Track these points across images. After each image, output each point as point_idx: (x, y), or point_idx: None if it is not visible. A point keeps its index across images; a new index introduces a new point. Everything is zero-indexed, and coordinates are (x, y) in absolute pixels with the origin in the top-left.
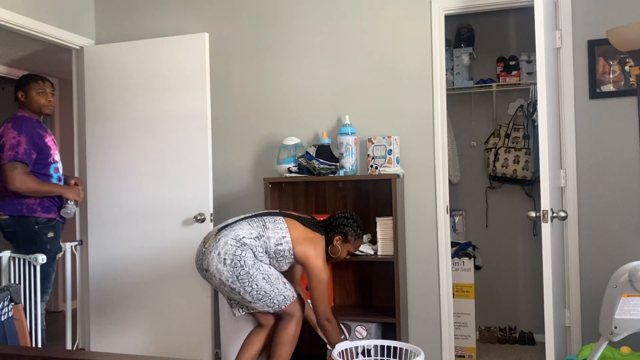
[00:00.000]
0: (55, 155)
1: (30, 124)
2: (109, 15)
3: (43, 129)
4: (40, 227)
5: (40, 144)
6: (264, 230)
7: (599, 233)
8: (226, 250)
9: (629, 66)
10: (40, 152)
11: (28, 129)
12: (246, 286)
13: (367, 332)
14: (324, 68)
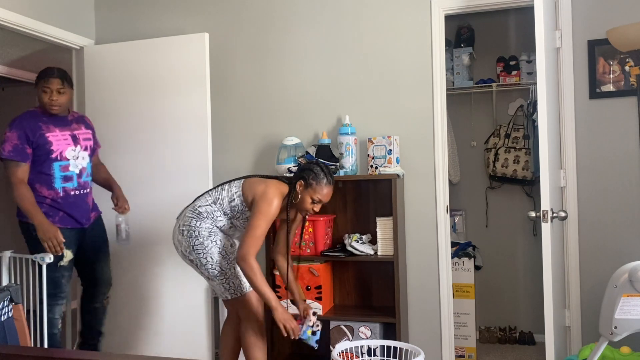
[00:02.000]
0: (66, 152)
1: (29, 118)
2: (109, 15)
3: (51, 123)
4: (36, 234)
5: (36, 139)
6: (220, 193)
7: (599, 233)
8: (184, 222)
9: (629, 66)
10: (38, 148)
11: (22, 123)
12: (201, 258)
13: (371, 332)
14: (324, 68)
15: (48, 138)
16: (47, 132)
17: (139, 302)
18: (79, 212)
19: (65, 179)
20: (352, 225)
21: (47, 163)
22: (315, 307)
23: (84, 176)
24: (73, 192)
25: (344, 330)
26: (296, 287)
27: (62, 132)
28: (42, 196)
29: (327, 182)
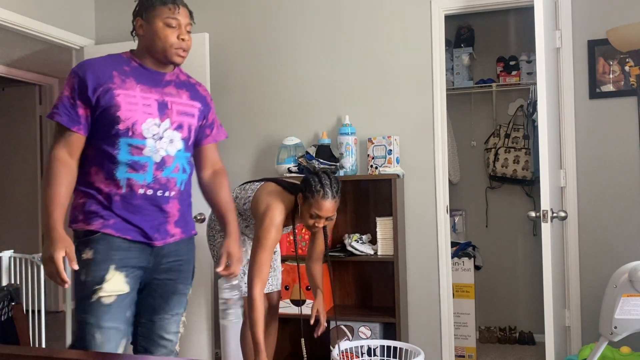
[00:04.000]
0: (142, 125)
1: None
2: (109, 15)
3: (133, 76)
4: (79, 242)
5: (100, 95)
6: (241, 192)
7: (599, 233)
8: (210, 214)
9: (629, 66)
10: (101, 110)
11: (91, 66)
12: (211, 249)
13: (371, 332)
14: (324, 68)
15: (116, 97)
16: (118, 88)
17: None
18: (148, 222)
19: (134, 166)
20: (352, 225)
21: (112, 137)
22: None
23: (168, 170)
24: (142, 191)
25: (344, 330)
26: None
27: (145, 93)
28: (94, 187)
29: (323, 196)
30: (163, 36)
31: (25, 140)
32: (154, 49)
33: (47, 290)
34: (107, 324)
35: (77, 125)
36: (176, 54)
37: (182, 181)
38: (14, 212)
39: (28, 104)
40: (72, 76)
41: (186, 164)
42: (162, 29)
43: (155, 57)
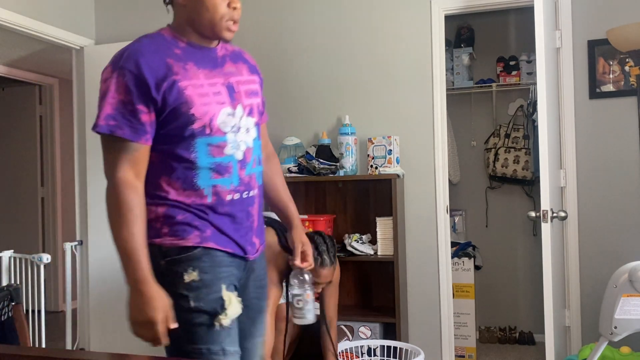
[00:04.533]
0: (218, 117)
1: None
2: (109, 15)
3: (191, 60)
4: (170, 262)
5: (164, 93)
6: None
7: (599, 233)
8: None
9: (629, 66)
10: (168, 110)
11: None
12: None
13: (371, 332)
14: (324, 68)
15: (185, 91)
16: (183, 79)
17: None
18: (238, 232)
19: (218, 170)
20: (352, 225)
21: (186, 140)
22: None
23: (249, 166)
24: (230, 197)
25: (344, 330)
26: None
27: (210, 78)
28: (173, 202)
29: (321, 264)
30: (212, 5)
31: (25, 140)
32: (199, 21)
33: (47, 290)
34: (231, 348)
35: (144, 136)
36: (226, 28)
37: (260, 175)
38: (14, 212)
39: (28, 104)
40: (120, 74)
41: (260, 153)
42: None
43: (200, 32)
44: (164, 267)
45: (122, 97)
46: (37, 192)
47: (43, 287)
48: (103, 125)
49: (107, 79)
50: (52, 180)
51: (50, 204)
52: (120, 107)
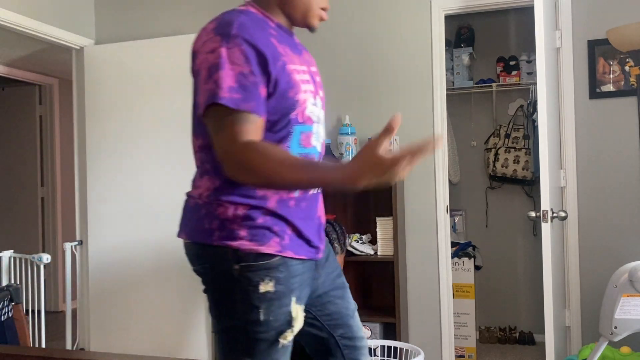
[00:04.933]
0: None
1: (254, 23)
2: (109, 15)
3: (286, 44)
4: (245, 268)
5: (280, 73)
6: None
7: (599, 233)
8: None
9: (629, 66)
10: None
11: (249, 30)
12: None
13: (371, 332)
14: (324, 68)
15: (292, 75)
16: (289, 63)
17: (139, 302)
18: (312, 228)
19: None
20: (352, 225)
21: (285, 127)
22: None
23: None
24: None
25: None
26: None
27: (301, 64)
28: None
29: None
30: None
31: (25, 140)
32: (293, 5)
33: (47, 290)
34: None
35: (264, 111)
36: (319, 17)
37: None
38: (14, 212)
39: (28, 104)
40: (235, 43)
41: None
42: None
43: (290, 15)
44: (237, 272)
45: (241, 69)
46: (37, 192)
47: (43, 287)
48: (228, 98)
49: (216, 49)
50: (52, 180)
51: (50, 204)
52: (242, 78)
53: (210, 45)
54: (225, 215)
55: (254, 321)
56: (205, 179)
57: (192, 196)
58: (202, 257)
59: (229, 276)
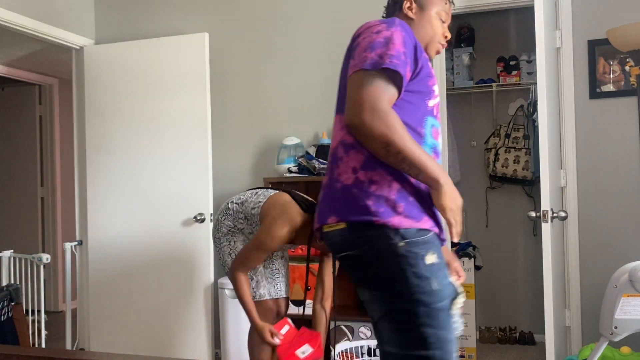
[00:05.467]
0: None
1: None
2: (109, 15)
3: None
4: (410, 243)
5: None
6: (252, 196)
7: (599, 233)
8: (217, 212)
9: (629, 66)
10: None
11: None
12: (217, 251)
13: (371, 332)
14: (324, 68)
15: (430, 70)
16: (427, 62)
17: (139, 302)
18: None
19: (436, 153)
20: None
21: (422, 115)
22: None
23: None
24: None
25: (344, 330)
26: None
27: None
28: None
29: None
30: (435, 27)
31: (25, 140)
32: (421, 35)
33: (47, 291)
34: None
35: (401, 89)
36: (437, 50)
37: None
38: (14, 212)
39: (28, 104)
40: (401, 30)
41: None
42: (435, 19)
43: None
44: (403, 248)
45: (401, 49)
46: (37, 192)
47: (43, 287)
48: (389, 63)
49: (383, 30)
50: (52, 180)
51: (50, 204)
52: (401, 55)
53: (376, 28)
54: (381, 192)
55: (429, 292)
56: (352, 154)
57: (337, 180)
58: (361, 239)
59: (394, 253)
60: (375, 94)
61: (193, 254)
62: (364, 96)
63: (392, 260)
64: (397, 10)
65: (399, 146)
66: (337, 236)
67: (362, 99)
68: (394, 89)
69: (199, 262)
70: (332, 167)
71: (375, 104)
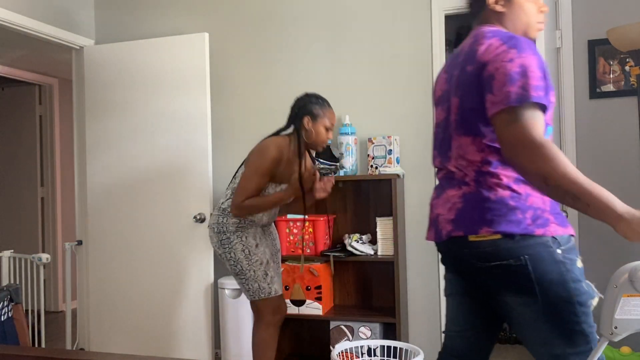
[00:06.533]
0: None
1: None
2: (109, 15)
3: None
4: (565, 250)
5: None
6: (234, 182)
7: (599, 233)
8: (213, 220)
9: (629, 66)
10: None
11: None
12: (227, 253)
13: (371, 332)
14: (323, 68)
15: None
16: None
17: (139, 302)
18: None
19: None
20: (352, 225)
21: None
22: (315, 307)
23: None
24: None
25: (344, 330)
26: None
27: None
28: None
29: (328, 105)
30: (528, 11)
31: (25, 140)
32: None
33: (47, 291)
34: None
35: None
36: (538, 29)
37: None
38: (14, 212)
39: (28, 104)
40: (533, 54)
41: None
42: (525, 2)
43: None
44: (561, 255)
45: (539, 74)
46: (37, 192)
47: (43, 287)
48: (535, 96)
49: (515, 58)
50: (52, 180)
51: (50, 204)
52: (542, 83)
53: (506, 55)
54: (537, 204)
55: (583, 293)
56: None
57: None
58: (520, 249)
59: (554, 260)
60: (527, 130)
61: (193, 254)
62: (518, 135)
63: (552, 267)
64: (482, 8)
65: (557, 179)
66: (489, 246)
67: (516, 138)
68: (542, 115)
69: (199, 262)
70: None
71: (529, 141)
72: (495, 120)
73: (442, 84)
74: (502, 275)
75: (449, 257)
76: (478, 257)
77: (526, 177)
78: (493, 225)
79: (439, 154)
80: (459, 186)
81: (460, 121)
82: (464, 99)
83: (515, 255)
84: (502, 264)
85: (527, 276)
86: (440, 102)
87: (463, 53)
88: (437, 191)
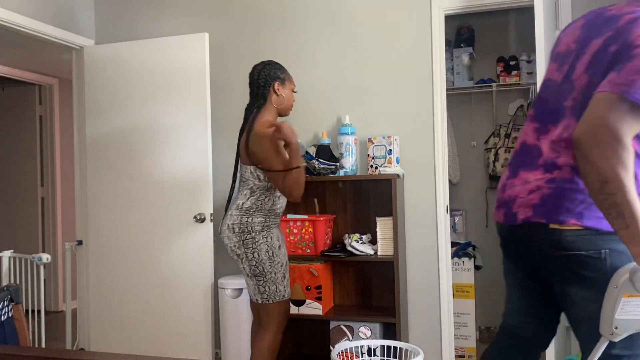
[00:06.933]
0: None
1: None
2: (109, 15)
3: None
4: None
5: None
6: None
7: None
8: (234, 220)
9: None
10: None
11: None
12: (248, 253)
13: (371, 332)
14: (324, 68)
15: None
16: None
17: (139, 302)
18: None
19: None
20: (352, 225)
21: None
22: (315, 307)
23: None
24: None
25: (344, 330)
26: None
27: None
28: None
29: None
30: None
31: (25, 140)
32: None
33: (47, 291)
34: None
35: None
36: None
37: None
38: (14, 212)
39: (28, 104)
40: None
41: None
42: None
43: None
44: (607, 253)
45: None
46: (37, 192)
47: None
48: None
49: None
50: (52, 180)
51: (50, 204)
52: None
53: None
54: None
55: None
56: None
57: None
58: (601, 242)
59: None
60: (622, 124)
61: (193, 254)
62: (609, 124)
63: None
64: None
65: (616, 188)
66: (571, 235)
67: (604, 125)
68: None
69: (199, 262)
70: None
71: (616, 137)
72: (596, 97)
73: (570, 38)
74: (576, 265)
75: (514, 242)
76: (555, 245)
77: (585, 169)
78: (582, 220)
79: (539, 122)
80: (547, 169)
81: (582, 102)
82: (594, 80)
83: (597, 248)
84: (580, 254)
85: (601, 270)
86: (560, 60)
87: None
88: (512, 169)
